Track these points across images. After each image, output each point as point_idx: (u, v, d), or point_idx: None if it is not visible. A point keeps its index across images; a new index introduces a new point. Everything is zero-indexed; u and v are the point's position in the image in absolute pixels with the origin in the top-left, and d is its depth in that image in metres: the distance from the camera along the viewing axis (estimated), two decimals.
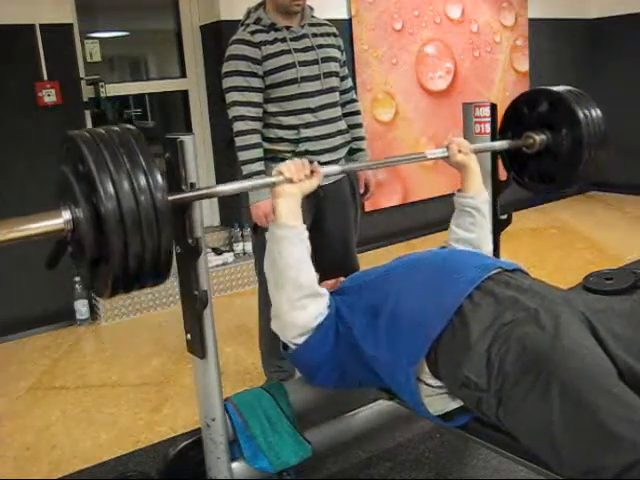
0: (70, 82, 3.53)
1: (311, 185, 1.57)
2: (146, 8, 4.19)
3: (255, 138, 2.27)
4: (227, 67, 2.29)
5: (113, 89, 3.84)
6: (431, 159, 1.89)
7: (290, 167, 1.53)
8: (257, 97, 2.28)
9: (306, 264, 1.53)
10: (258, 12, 2.32)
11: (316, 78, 2.32)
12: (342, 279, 1.85)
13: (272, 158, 2.31)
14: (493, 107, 2.08)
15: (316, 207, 2.40)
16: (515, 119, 2.08)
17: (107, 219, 1.12)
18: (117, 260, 1.14)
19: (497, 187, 2.13)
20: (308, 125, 2.31)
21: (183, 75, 4.21)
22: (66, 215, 1.18)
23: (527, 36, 5.47)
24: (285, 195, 1.52)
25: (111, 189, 1.12)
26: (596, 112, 1.96)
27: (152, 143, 1.29)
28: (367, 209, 4.60)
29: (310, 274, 1.53)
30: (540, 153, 2.02)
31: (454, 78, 5.02)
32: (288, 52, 2.28)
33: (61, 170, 1.21)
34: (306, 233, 1.55)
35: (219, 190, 1.50)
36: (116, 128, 1.22)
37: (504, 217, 2.15)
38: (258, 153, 2.26)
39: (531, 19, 5.46)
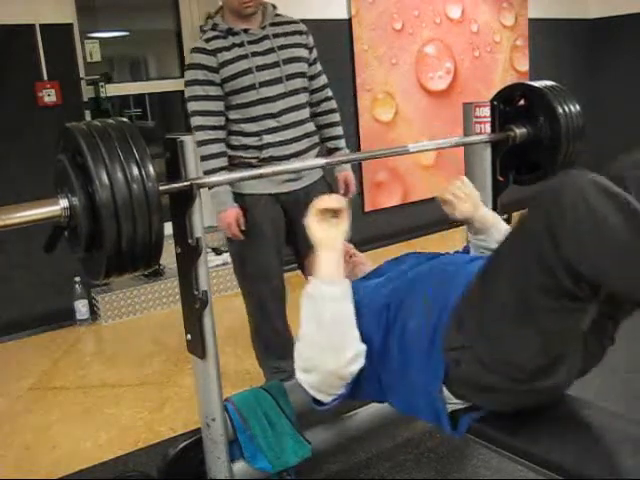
0: (70, 82, 3.53)
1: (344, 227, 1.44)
2: (146, 8, 4.19)
3: (216, 148, 2.21)
4: (186, 76, 2.26)
5: (113, 89, 3.84)
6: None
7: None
8: (216, 105, 2.23)
9: (351, 321, 1.40)
10: (215, 18, 2.25)
11: (278, 81, 2.24)
12: (354, 251, 1.80)
13: (238, 164, 2.27)
14: (493, 107, 2.08)
15: (287, 216, 2.33)
16: (499, 112, 2.10)
17: (102, 207, 1.18)
18: (111, 246, 1.20)
19: (497, 187, 2.13)
20: (270, 131, 2.24)
21: (183, 75, 4.20)
22: (63, 203, 1.24)
23: (527, 36, 5.46)
24: (330, 248, 1.41)
25: (106, 179, 1.18)
26: (575, 107, 2.02)
27: (152, 143, 1.31)
28: (367, 209, 4.61)
29: (355, 332, 1.40)
30: (522, 146, 2.06)
31: (454, 78, 5.02)
32: (245, 57, 2.20)
33: (58, 159, 1.26)
34: (350, 289, 1.41)
35: (210, 180, 1.49)
36: (111, 121, 1.27)
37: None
38: (220, 162, 2.21)
39: (531, 19, 5.46)
